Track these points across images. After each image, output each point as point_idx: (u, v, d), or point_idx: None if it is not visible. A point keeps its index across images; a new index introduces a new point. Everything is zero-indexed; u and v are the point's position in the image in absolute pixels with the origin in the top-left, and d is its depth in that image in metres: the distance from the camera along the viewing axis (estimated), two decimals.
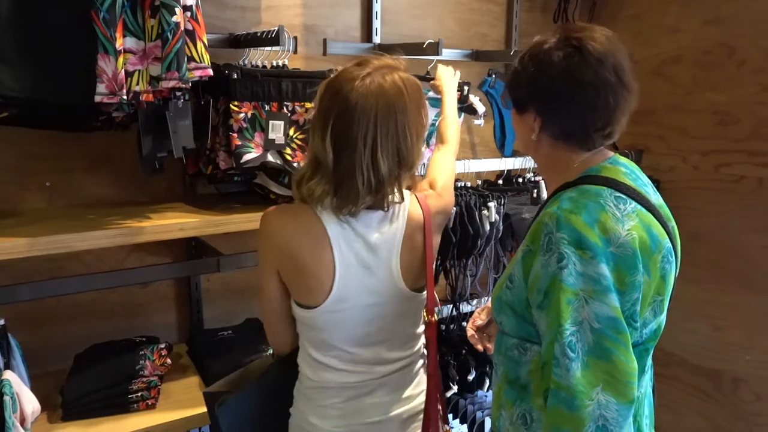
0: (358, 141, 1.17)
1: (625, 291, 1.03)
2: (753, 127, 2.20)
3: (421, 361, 1.40)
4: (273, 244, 1.26)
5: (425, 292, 1.35)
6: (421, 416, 1.37)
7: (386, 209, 1.26)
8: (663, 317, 1.14)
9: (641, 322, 1.08)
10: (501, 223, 2.07)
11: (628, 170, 1.15)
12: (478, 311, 1.46)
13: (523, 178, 2.23)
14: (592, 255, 1.01)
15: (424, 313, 1.36)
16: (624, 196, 1.08)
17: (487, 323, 1.44)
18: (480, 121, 2.08)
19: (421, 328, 1.39)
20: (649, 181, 1.18)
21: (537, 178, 2.18)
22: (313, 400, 1.32)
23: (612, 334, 1.00)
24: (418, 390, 1.38)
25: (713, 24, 2.29)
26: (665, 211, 1.15)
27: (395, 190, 1.25)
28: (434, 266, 1.37)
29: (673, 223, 1.15)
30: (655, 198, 1.14)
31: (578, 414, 0.98)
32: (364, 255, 1.24)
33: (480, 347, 1.41)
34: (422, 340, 1.41)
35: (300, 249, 1.23)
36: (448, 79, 1.73)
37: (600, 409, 0.98)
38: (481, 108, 2.03)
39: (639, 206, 1.08)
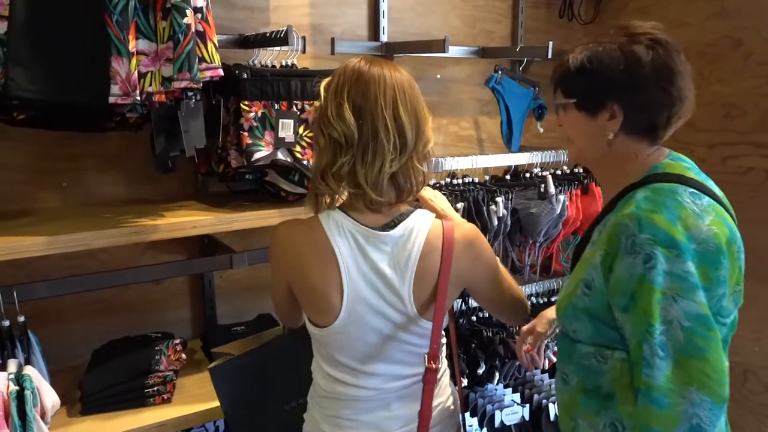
0: (378, 99, 1.14)
1: (710, 287, 1.03)
2: (760, 119, 2.20)
3: (442, 373, 1.35)
4: (284, 261, 1.25)
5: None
6: (435, 429, 1.30)
7: (410, 197, 1.21)
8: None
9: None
10: (509, 218, 2.09)
11: (689, 165, 1.16)
12: (524, 336, 1.44)
13: (531, 173, 2.24)
14: (677, 253, 1.00)
15: (425, 356, 1.24)
16: (697, 192, 1.07)
17: (533, 338, 1.43)
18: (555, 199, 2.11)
19: (442, 341, 1.32)
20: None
21: (544, 173, 2.20)
22: (326, 408, 1.31)
23: (703, 331, 1.00)
24: (437, 403, 1.31)
25: (718, 17, 2.29)
26: (727, 201, 1.14)
27: (417, 165, 1.19)
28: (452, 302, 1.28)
29: (733, 213, 1.15)
30: (718, 190, 1.14)
31: (670, 413, 0.98)
32: (372, 278, 1.20)
33: (539, 364, 1.43)
34: (443, 353, 1.35)
35: (308, 269, 1.21)
36: (439, 200, 1.45)
37: (693, 407, 0.98)
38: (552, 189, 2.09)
39: (711, 200, 1.08)
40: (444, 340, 1.36)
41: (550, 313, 1.43)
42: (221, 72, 1.45)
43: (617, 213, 1.09)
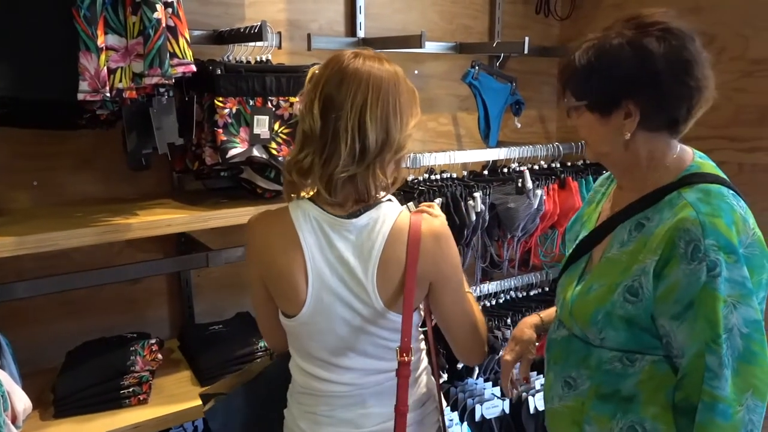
0: (346, 101, 1.12)
1: (756, 291, 1.01)
2: (732, 114, 2.23)
3: (420, 370, 1.34)
4: (254, 251, 1.26)
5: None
6: (412, 429, 1.29)
7: (368, 200, 1.19)
8: None
9: None
10: (487, 213, 2.09)
11: (712, 162, 1.13)
12: (510, 366, 1.36)
13: (509, 168, 2.25)
14: (736, 258, 0.98)
15: (397, 350, 1.22)
16: (736, 194, 1.05)
17: (521, 347, 1.37)
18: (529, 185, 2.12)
19: (419, 339, 1.33)
20: None
21: (521, 168, 2.21)
22: (304, 405, 1.31)
23: (758, 336, 0.99)
24: (415, 398, 1.31)
25: (693, 12, 2.31)
26: None
27: (378, 172, 1.16)
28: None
29: None
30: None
31: (732, 423, 0.97)
32: (338, 267, 1.19)
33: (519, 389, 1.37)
34: (422, 348, 1.34)
35: (275, 257, 1.21)
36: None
37: (749, 413, 0.98)
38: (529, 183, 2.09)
39: (744, 201, 1.07)
40: (421, 336, 1.36)
41: (531, 319, 1.40)
42: (193, 68, 1.43)
43: (663, 215, 1.04)
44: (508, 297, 2.37)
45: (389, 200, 1.25)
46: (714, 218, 0.99)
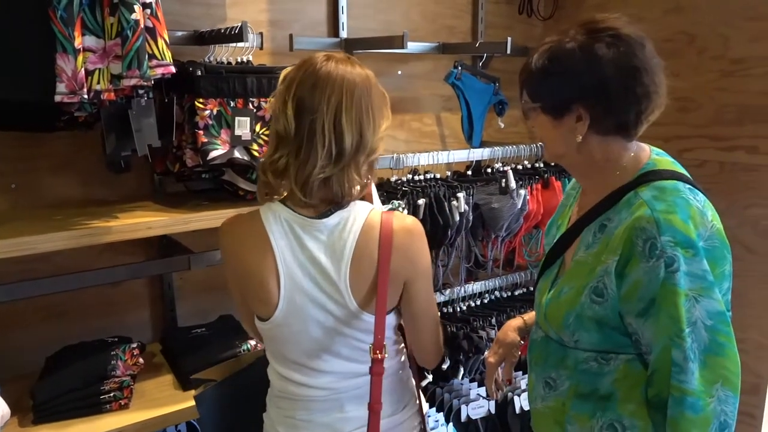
0: (321, 103, 1.12)
1: (717, 283, 1.02)
2: (714, 113, 2.25)
3: (400, 372, 1.33)
4: (226, 253, 1.26)
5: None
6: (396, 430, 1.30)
7: (341, 201, 1.19)
8: None
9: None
10: (471, 213, 2.10)
11: (670, 158, 1.14)
12: (494, 367, 1.38)
13: (492, 169, 2.25)
14: (694, 252, 0.99)
15: (370, 347, 1.21)
16: (692, 187, 1.06)
17: (504, 350, 1.38)
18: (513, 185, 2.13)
19: (398, 341, 1.33)
20: None
21: (505, 168, 2.21)
22: (282, 409, 1.30)
23: (724, 327, 1.00)
24: (393, 401, 1.30)
25: (674, 13, 2.34)
26: None
27: (353, 174, 1.17)
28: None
29: None
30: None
31: (704, 414, 0.98)
32: (310, 268, 1.19)
33: (503, 389, 1.41)
34: (401, 349, 1.34)
35: (246, 259, 1.21)
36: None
37: (720, 404, 0.99)
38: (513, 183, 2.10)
39: (704, 194, 1.07)
40: (401, 338, 1.35)
41: (515, 322, 1.40)
42: (173, 69, 1.42)
43: (621, 215, 1.06)
44: (492, 297, 2.38)
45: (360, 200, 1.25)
46: (669, 215, 1.00)
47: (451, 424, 2.22)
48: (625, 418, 1.07)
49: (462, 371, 2.18)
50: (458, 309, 2.27)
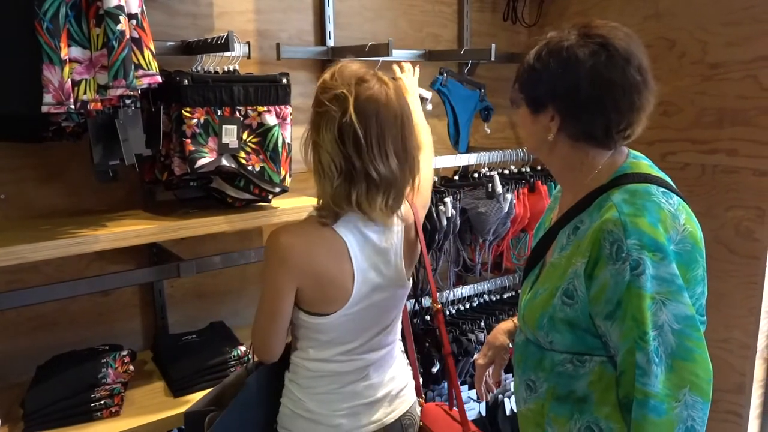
0: (385, 130, 1.24)
1: (689, 287, 1.01)
2: (694, 116, 2.29)
3: (399, 344, 1.51)
4: (292, 264, 1.28)
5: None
6: (404, 391, 1.48)
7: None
8: None
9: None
10: (458, 218, 2.12)
11: (648, 162, 1.13)
12: (483, 370, 1.42)
13: (479, 174, 2.28)
14: (662, 256, 0.98)
15: (431, 302, 1.52)
16: (667, 191, 1.05)
17: (494, 352, 1.41)
18: (429, 107, 2.11)
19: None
20: None
21: (492, 173, 2.24)
22: (312, 388, 1.38)
23: (692, 332, 0.99)
24: (398, 369, 1.48)
25: (653, 18, 2.38)
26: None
27: (409, 190, 1.34)
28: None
29: None
30: (672, 184, 1.12)
31: (667, 418, 0.97)
32: (374, 258, 1.33)
33: (493, 390, 1.45)
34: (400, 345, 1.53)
35: (323, 264, 1.28)
36: (409, 78, 1.80)
37: (687, 409, 0.98)
38: (427, 94, 2.07)
39: (679, 198, 1.06)
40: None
41: (505, 325, 1.42)
42: (159, 78, 1.44)
43: (592, 217, 1.06)
44: (481, 300, 2.40)
45: None
46: (636, 218, 1.00)
47: None
48: (602, 420, 1.07)
49: None
50: (447, 312, 2.30)
